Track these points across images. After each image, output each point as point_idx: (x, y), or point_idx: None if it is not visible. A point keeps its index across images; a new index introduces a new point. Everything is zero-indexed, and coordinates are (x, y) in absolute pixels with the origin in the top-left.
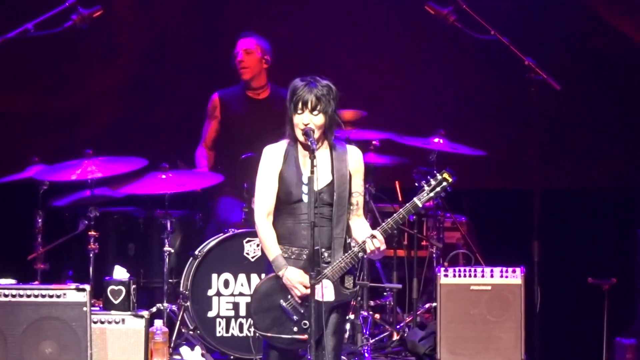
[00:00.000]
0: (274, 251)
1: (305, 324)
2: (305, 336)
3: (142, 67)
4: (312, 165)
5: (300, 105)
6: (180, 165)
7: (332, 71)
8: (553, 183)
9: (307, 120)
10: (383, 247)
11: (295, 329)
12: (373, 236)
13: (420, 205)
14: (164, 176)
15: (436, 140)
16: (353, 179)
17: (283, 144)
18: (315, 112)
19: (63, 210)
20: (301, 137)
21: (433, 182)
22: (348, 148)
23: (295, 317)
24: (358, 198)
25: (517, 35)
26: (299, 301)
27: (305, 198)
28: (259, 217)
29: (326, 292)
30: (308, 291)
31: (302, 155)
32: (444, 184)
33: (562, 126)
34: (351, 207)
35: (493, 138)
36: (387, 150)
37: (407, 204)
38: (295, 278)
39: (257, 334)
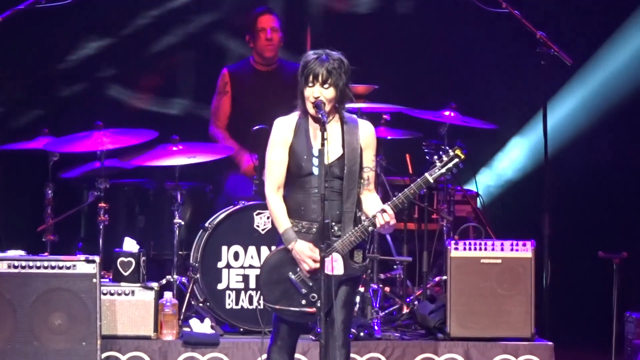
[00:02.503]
0: (284, 224)
1: (313, 297)
2: (314, 309)
3: (154, 39)
4: (323, 138)
5: (311, 78)
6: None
7: (342, 45)
8: (565, 156)
9: (318, 93)
10: (393, 221)
11: (303, 301)
12: (383, 210)
13: (432, 181)
14: (174, 148)
15: (447, 113)
16: (364, 154)
17: (294, 117)
18: (326, 86)
19: (73, 181)
20: (312, 110)
21: (445, 158)
22: (359, 122)
23: (303, 290)
24: (369, 173)
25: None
26: (308, 275)
27: (315, 171)
28: (269, 190)
29: (336, 265)
30: (317, 265)
31: (313, 128)
32: (456, 160)
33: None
34: (362, 182)
35: (504, 111)
36: (398, 123)
37: (418, 179)
38: (305, 252)
39: (265, 306)
